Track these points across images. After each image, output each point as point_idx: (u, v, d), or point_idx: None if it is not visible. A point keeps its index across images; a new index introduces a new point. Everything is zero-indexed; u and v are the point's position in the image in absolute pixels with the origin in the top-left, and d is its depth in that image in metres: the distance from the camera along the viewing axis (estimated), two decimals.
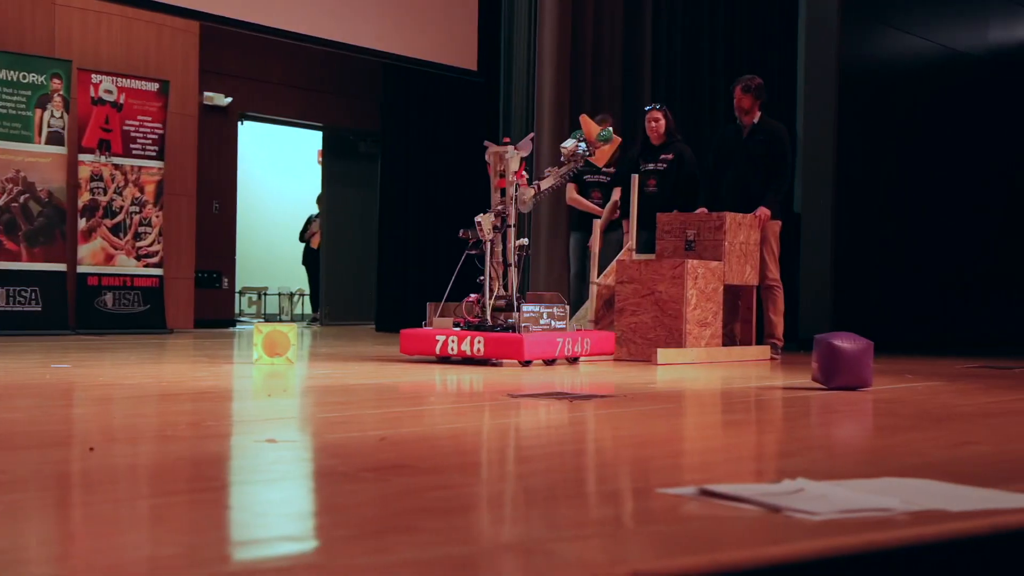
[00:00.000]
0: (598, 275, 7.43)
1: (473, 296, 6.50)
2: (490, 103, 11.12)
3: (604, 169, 8.09)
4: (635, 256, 7.48)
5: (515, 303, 6.32)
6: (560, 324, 6.46)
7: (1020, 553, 1.92)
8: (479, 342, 6.16)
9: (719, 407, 4.38)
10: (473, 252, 6.52)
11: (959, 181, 11.03)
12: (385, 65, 11.20)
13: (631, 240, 7.57)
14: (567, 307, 6.57)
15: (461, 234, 6.57)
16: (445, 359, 6.33)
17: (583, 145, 6.84)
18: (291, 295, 16.48)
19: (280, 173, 16.85)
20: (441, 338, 6.28)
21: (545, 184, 6.70)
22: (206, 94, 11.98)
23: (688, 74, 10.50)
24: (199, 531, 1.80)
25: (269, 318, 15.89)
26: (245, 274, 15.07)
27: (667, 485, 2.20)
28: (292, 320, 15.26)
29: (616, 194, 7.99)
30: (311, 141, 14.89)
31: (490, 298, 6.40)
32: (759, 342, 7.68)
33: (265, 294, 16.50)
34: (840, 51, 9.55)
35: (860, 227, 9.83)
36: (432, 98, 11.46)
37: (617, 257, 7.50)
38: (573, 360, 6.42)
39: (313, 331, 11.44)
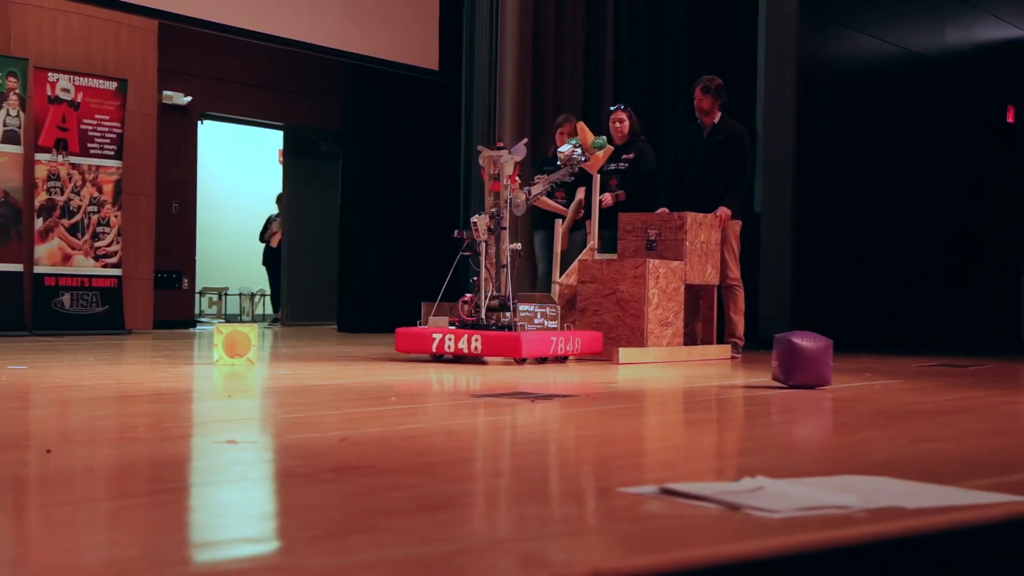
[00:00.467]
0: (560, 275, 7.45)
1: (468, 296, 6.59)
2: (452, 103, 11.11)
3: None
4: (597, 256, 7.50)
5: (510, 303, 6.38)
6: (552, 324, 6.57)
7: (977, 549, 1.95)
8: (476, 340, 6.26)
9: (680, 406, 4.40)
10: (467, 253, 6.64)
11: (918, 181, 11.14)
12: (347, 65, 11.17)
13: (593, 240, 7.59)
14: (558, 307, 6.64)
15: (456, 234, 6.68)
16: (439, 357, 6.41)
17: (579, 151, 7.04)
18: (252, 295, 16.39)
19: (241, 173, 16.76)
20: (438, 336, 6.36)
21: (536, 190, 6.85)
22: (165, 93, 11.89)
23: (650, 74, 10.55)
24: (159, 533, 1.79)
25: (230, 319, 15.79)
26: (205, 274, 14.97)
27: (629, 484, 2.21)
28: (253, 321, 15.17)
29: (580, 194, 8.02)
30: (272, 141, 14.82)
31: (485, 298, 6.50)
32: (720, 341, 7.72)
33: (226, 294, 16.40)
34: (800, 52, 9.62)
35: (820, 226, 9.90)
36: (394, 98, 11.44)
37: (579, 257, 7.52)
38: (563, 359, 6.50)
39: (274, 332, 11.39)
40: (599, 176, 7.55)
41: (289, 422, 3.39)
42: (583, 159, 7.07)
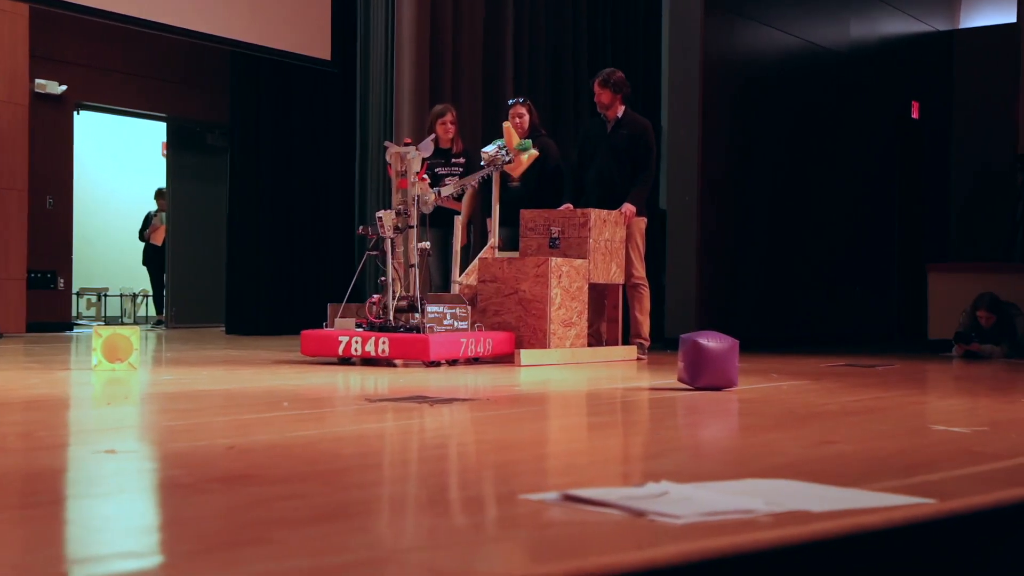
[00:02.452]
0: (460, 274, 7.45)
1: (375, 296, 6.59)
2: (346, 94, 11.04)
3: (454, 160, 8.12)
4: (498, 254, 7.52)
5: (419, 304, 6.39)
6: (463, 324, 6.59)
7: (880, 552, 2.00)
8: (384, 343, 6.27)
9: (584, 409, 4.44)
10: (374, 252, 6.64)
11: (824, 176, 11.38)
12: (234, 54, 11.02)
13: (494, 237, 7.61)
14: (469, 308, 6.65)
15: (360, 231, 6.68)
16: (346, 360, 6.41)
17: (504, 152, 7.16)
18: (133, 296, 16.10)
19: (121, 167, 16.43)
20: (344, 339, 6.37)
21: (448, 191, 6.89)
22: (38, 82, 11.61)
23: (551, 67, 10.60)
24: (31, 549, 1.75)
25: (110, 321, 15.48)
26: (83, 274, 14.64)
27: (530, 490, 2.22)
28: (135, 323, 14.90)
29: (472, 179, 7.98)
30: (155, 133, 14.55)
31: (393, 298, 6.51)
32: (625, 342, 7.80)
33: (105, 295, 16.07)
34: (704, 44, 9.77)
35: (726, 223, 10.06)
36: (284, 88, 11.32)
37: (479, 255, 7.53)
38: (474, 360, 6.53)
39: (158, 334, 11.20)
40: (499, 172, 7.56)
41: (173, 430, 3.34)
42: (507, 160, 7.18)
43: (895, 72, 12.54)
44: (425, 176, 6.80)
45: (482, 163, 7.27)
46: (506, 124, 7.48)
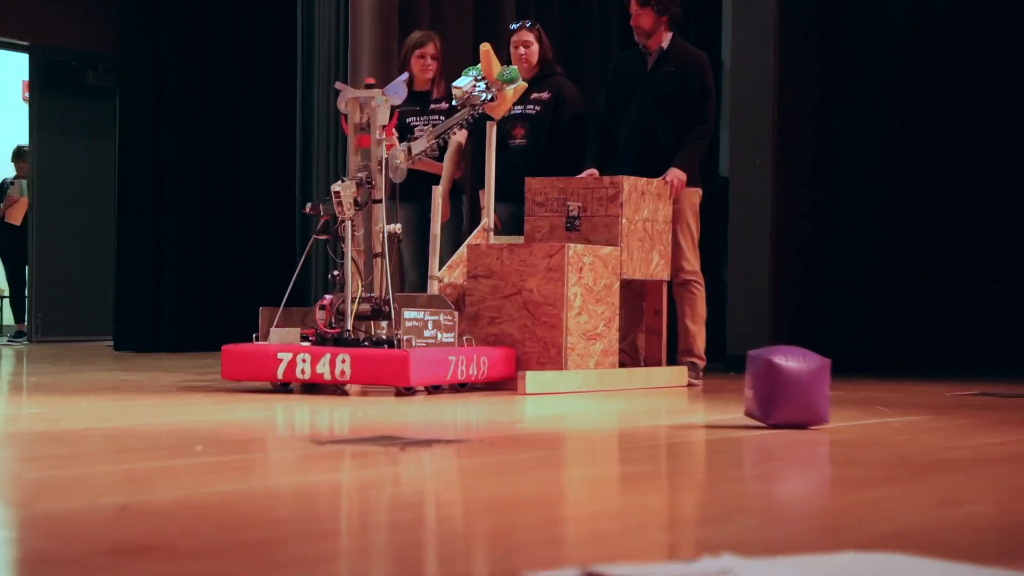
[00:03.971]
0: (440, 267, 7.44)
1: (327, 298, 6.55)
2: (285, 16, 11.02)
3: (433, 107, 8.09)
4: (493, 239, 7.51)
5: (389, 308, 6.38)
6: (448, 337, 6.57)
7: None
8: (343, 362, 6.22)
9: (614, 455, 4.44)
10: (323, 237, 6.59)
11: (956, 131, 11.27)
12: None
13: (488, 215, 7.59)
14: (455, 313, 6.64)
15: (308, 209, 6.66)
16: (286, 387, 6.36)
17: (482, 86, 7.02)
18: None
19: None
20: (286, 356, 6.31)
21: (419, 147, 6.82)
22: None
23: None
24: None
25: None
26: None
27: (540, 566, 2.23)
28: None
29: (460, 136, 7.92)
30: (13, 68, 14.54)
31: (352, 301, 6.47)
32: (672, 362, 7.78)
33: None
34: None
35: (812, 197, 10.02)
36: (197, 7, 11.32)
37: (468, 240, 7.52)
38: (462, 386, 6.53)
39: (16, 350, 11.20)
40: (495, 125, 7.55)
41: (41, 484, 3.34)
42: (487, 98, 7.03)
43: None
44: (394, 131, 6.76)
45: (454, 102, 7.14)
46: (484, 47, 7.28)
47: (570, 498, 3.41)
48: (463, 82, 7.10)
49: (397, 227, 6.69)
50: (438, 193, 7.47)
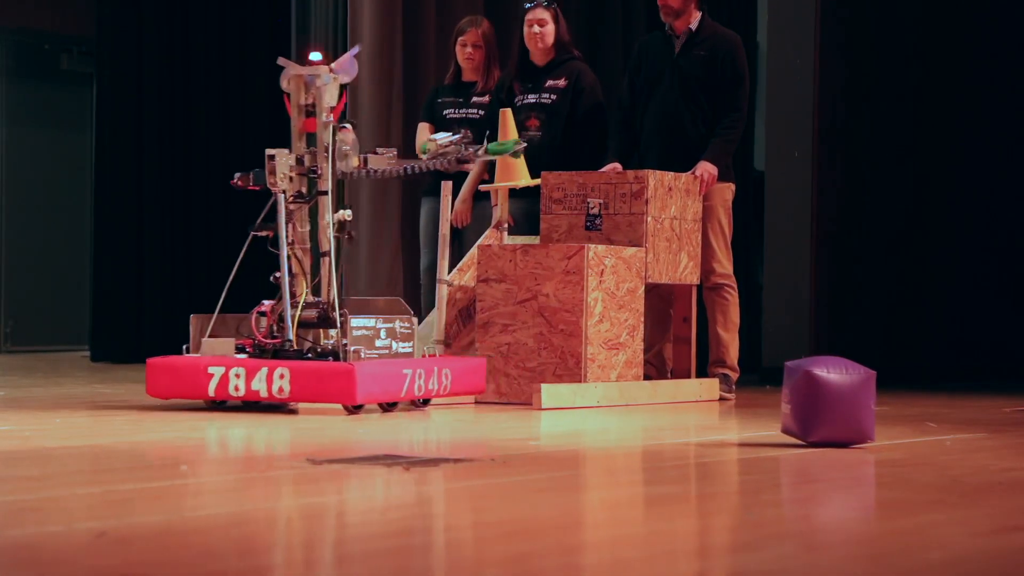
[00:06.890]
0: (449, 270, 7.45)
1: (266, 303, 6.49)
2: None
3: (476, 99, 8.10)
4: (507, 239, 7.52)
5: (336, 315, 6.34)
6: (405, 347, 6.50)
7: None
8: (282, 377, 6.12)
9: (638, 475, 4.43)
10: (263, 234, 6.53)
11: (1010, 139, 11.24)
12: None
13: (499, 214, 7.59)
14: (413, 319, 6.59)
15: (235, 181, 6.65)
16: (219, 404, 6.27)
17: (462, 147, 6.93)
18: None
19: None
20: (217, 371, 6.22)
21: (376, 163, 6.68)
22: None
23: None
24: None
25: None
26: None
27: None
28: None
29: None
30: None
31: (293, 307, 6.40)
32: (702, 373, 7.79)
33: None
34: None
35: (857, 193, 10.01)
36: None
37: (479, 241, 7.52)
38: (423, 402, 6.47)
39: None
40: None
41: (13, 508, 3.34)
42: (464, 157, 6.98)
43: None
44: (348, 123, 6.58)
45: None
46: (505, 111, 7.28)
47: (590, 523, 3.41)
48: (441, 137, 7.05)
49: (346, 214, 6.54)
50: (447, 190, 7.45)
